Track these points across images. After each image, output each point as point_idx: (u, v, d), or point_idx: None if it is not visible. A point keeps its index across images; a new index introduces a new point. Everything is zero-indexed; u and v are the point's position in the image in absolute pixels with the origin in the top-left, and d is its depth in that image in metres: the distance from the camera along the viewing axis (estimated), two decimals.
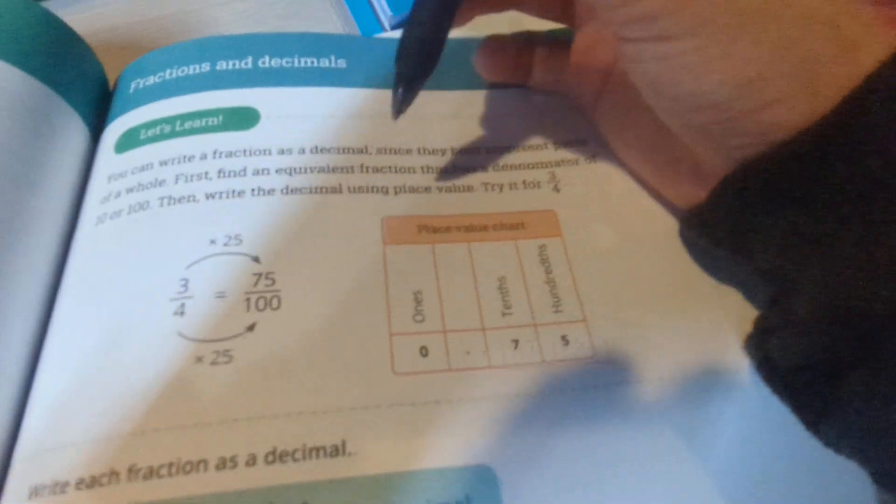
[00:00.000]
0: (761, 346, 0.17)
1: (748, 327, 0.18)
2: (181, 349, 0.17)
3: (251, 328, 0.17)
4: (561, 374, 0.18)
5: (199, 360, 0.17)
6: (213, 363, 0.17)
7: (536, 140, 0.23)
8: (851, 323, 0.14)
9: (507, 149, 0.23)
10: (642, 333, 0.18)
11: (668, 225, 0.21)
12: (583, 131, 0.23)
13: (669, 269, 0.20)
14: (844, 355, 0.14)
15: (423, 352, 0.18)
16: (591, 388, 0.17)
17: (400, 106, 0.19)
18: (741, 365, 0.18)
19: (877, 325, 0.14)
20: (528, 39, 0.24)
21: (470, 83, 0.24)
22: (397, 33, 0.27)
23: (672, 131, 0.18)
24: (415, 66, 0.19)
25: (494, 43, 0.23)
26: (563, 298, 0.19)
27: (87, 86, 0.24)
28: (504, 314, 0.19)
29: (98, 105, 0.24)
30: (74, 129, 0.22)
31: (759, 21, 0.14)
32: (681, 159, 0.19)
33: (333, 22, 0.30)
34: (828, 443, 0.15)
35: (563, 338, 0.18)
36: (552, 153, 0.23)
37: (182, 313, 0.17)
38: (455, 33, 0.26)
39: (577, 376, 0.18)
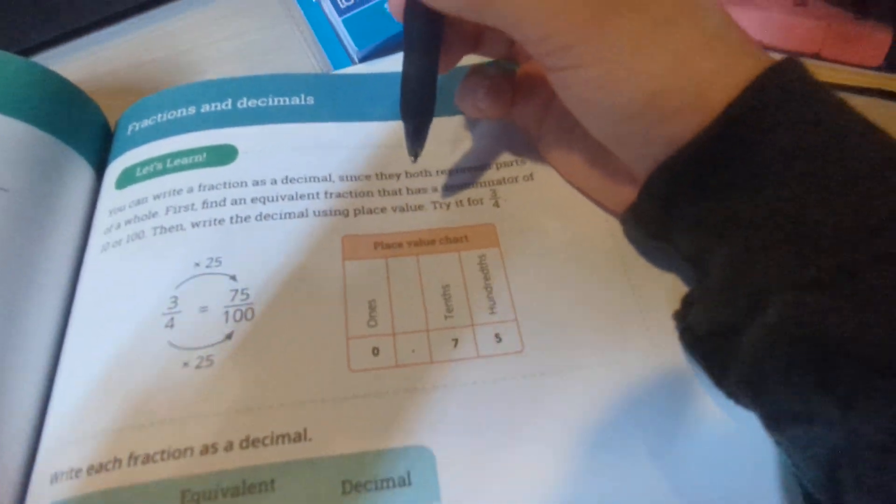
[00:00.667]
0: (683, 318, 0.20)
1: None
2: (171, 356, 0.20)
3: (229, 336, 0.21)
4: (493, 367, 0.21)
5: (186, 364, 0.20)
6: (198, 367, 0.20)
7: (480, 161, 0.26)
8: (747, 291, 0.17)
9: (454, 171, 0.26)
10: (568, 330, 0.21)
11: (594, 234, 0.24)
12: (522, 152, 0.26)
13: (593, 273, 0.23)
14: (740, 318, 0.17)
15: (375, 351, 0.21)
16: (519, 377, 0.20)
17: (415, 150, 0.23)
18: (659, 354, 0.21)
19: (764, 290, 0.17)
20: (478, 73, 0.27)
21: None
22: (363, 67, 0.31)
23: (606, 146, 0.21)
24: (416, 116, 0.22)
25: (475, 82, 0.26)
26: (498, 301, 0.22)
27: (89, 131, 0.27)
28: (446, 317, 0.22)
29: (101, 146, 0.27)
30: (80, 171, 0.26)
31: (654, 44, 0.18)
32: (617, 170, 0.22)
33: (309, 58, 0.33)
34: (729, 394, 0.18)
35: (497, 335, 0.21)
36: (494, 173, 0.26)
37: (172, 326, 0.21)
38: (387, 68, 0.29)
39: (508, 368, 0.21)
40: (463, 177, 0.26)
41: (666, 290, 0.22)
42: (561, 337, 0.21)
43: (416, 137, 0.23)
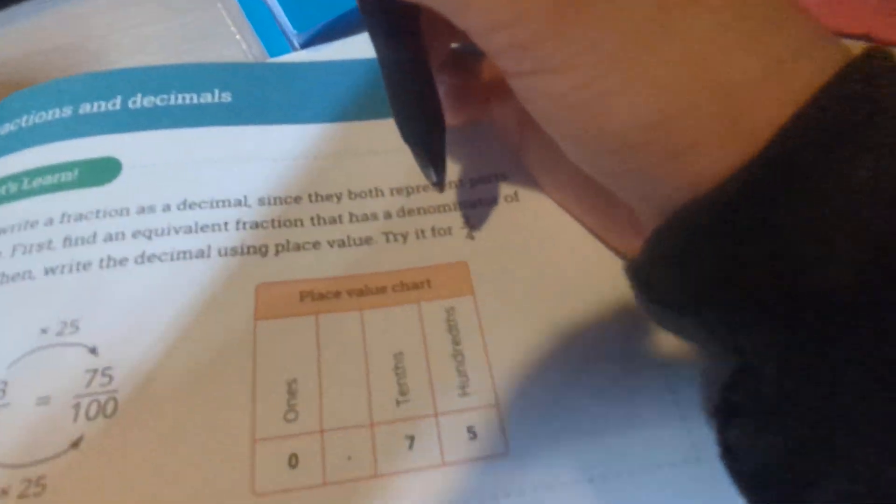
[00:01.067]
0: (724, 430, 0.13)
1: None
2: None
3: (76, 444, 0.14)
4: (466, 479, 0.14)
5: (5, 492, 0.13)
6: (21, 496, 0.13)
7: (448, 176, 0.20)
8: (823, 416, 0.11)
9: (417, 189, 0.19)
10: (571, 418, 0.15)
11: (602, 277, 0.18)
12: (502, 164, 0.20)
13: (605, 336, 0.17)
14: (814, 465, 0.11)
15: (293, 461, 0.14)
16: (503, 496, 0.14)
17: (439, 177, 0.17)
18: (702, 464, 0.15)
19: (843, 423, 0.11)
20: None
21: (374, 111, 0.21)
22: (304, 55, 0.24)
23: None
24: (425, 134, 0.16)
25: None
26: (472, 376, 0.16)
27: None
28: (399, 402, 0.15)
29: None
30: None
31: (661, 39, 0.11)
32: (618, 204, 0.16)
33: (241, 45, 0.27)
34: None
35: (470, 430, 0.15)
36: (466, 192, 0.19)
37: None
38: (332, 56, 0.23)
39: (487, 481, 0.14)
40: (425, 198, 0.19)
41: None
42: (563, 431, 0.15)
43: (435, 159, 0.17)
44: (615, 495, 0.15)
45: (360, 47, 0.23)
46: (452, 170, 0.20)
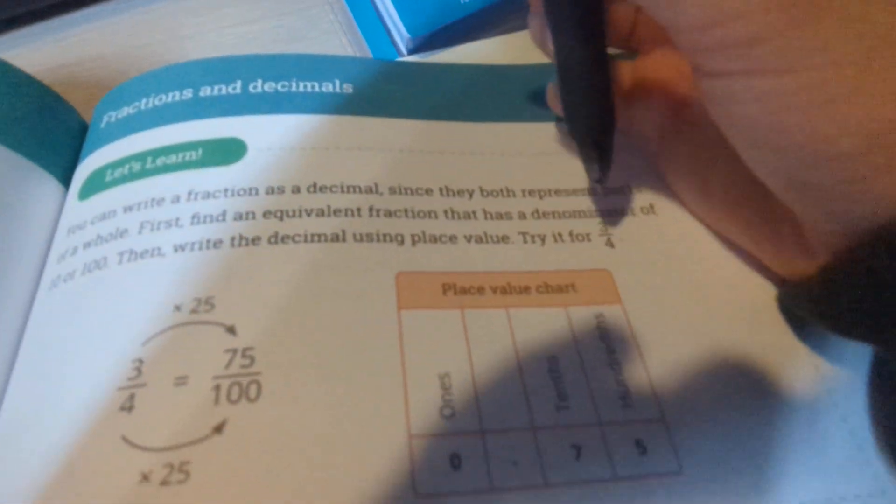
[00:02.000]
0: None
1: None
2: (124, 461, 0.12)
3: (219, 429, 0.13)
4: (640, 498, 0.13)
5: (146, 478, 0.12)
6: (164, 482, 0.12)
7: (581, 183, 0.19)
8: None
9: (549, 192, 0.19)
10: (743, 442, 0.14)
11: (756, 295, 0.17)
12: (638, 175, 0.19)
13: (768, 350, 0.15)
14: None
15: (455, 462, 0.13)
16: None
17: (603, 176, 0.17)
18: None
19: None
20: None
21: (499, 114, 0.21)
22: (413, 60, 0.24)
23: (774, 192, 0.14)
24: (597, 131, 0.17)
25: None
26: (633, 387, 0.14)
27: (58, 136, 0.20)
28: (559, 407, 0.14)
29: (76, 154, 0.20)
30: (43, 189, 0.18)
31: (888, 56, 0.11)
32: (780, 220, 0.15)
33: (343, 47, 0.27)
34: None
35: (638, 443, 0.14)
36: (601, 200, 0.18)
37: (130, 408, 0.13)
38: (483, 60, 0.23)
39: (661, 500, 0.13)
40: (560, 201, 0.18)
41: (862, 376, 0.15)
42: (734, 454, 0.14)
43: (605, 157, 0.17)
44: None
45: (465, 55, 0.23)
46: (585, 177, 0.19)
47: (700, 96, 0.14)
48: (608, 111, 0.16)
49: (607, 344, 0.15)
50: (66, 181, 0.19)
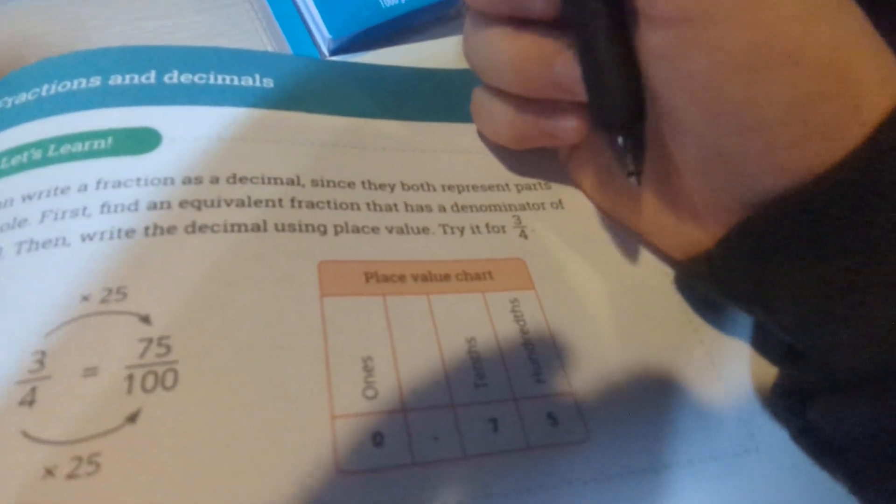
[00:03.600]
0: (800, 412, 0.14)
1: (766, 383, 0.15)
2: (24, 457, 0.12)
3: (132, 418, 0.12)
4: (551, 465, 0.14)
5: (50, 472, 0.11)
6: (71, 476, 0.11)
7: (497, 180, 0.20)
8: None
9: (468, 187, 0.19)
10: (642, 411, 0.15)
11: (650, 278, 0.18)
12: (547, 173, 0.20)
13: (656, 331, 0.17)
14: None
15: (377, 439, 0.13)
16: (584, 482, 0.14)
17: (637, 166, 0.16)
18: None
19: None
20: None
21: (421, 114, 0.21)
22: (340, 58, 0.24)
23: (675, 165, 0.15)
24: (628, 119, 0.15)
25: None
26: (544, 364, 0.15)
27: None
28: (477, 385, 0.15)
29: None
30: None
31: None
32: (674, 202, 0.17)
33: (263, 46, 0.26)
34: None
35: (550, 415, 0.15)
36: (514, 195, 0.20)
37: (31, 402, 0.12)
38: (404, 63, 0.23)
39: (570, 466, 0.14)
40: (476, 196, 0.19)
41: (751, 355, 0.17)
42: (634, 420, 0.15)
43: (637, 147, 0.16)
44: (682, 484, 0.15)
45: (386, 58, 0.23)
46: (500, 174, 0.20)
47: (646, 55, 0.14)
48: (639, 95, 0.15)
49: (521, 326, 0.16)
50: None
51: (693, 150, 0.15)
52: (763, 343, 0.16)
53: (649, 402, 0.15)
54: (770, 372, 0.16)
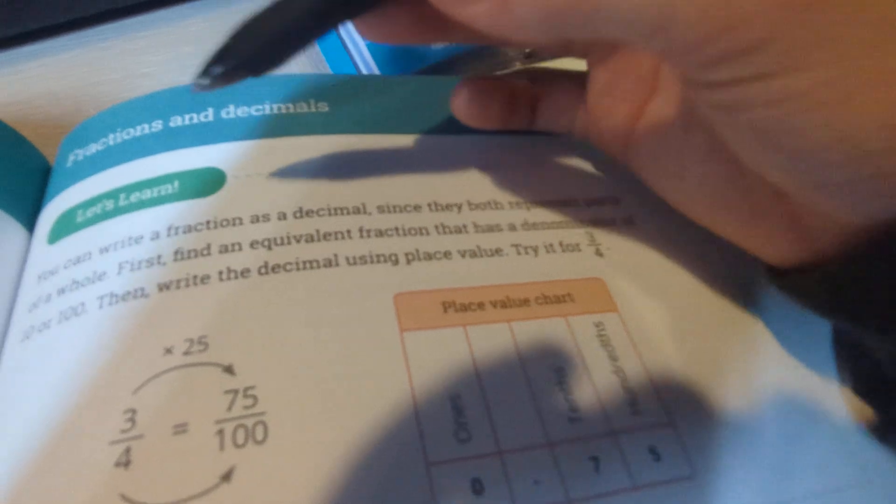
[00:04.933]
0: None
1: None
2: None
3: (227, 477, 0.12)
4: None
5: None
6: None
7: (564, 194, 0.19)
8: None
9: (536, 203, 0.19)
10: (751, 439, 0.14)
11: (736, 294, 0.17)
12: (613, 188, 0.19)
13: (751, 347, 0.16)
14: None
15: (477, 486, 0.13)
16: None
17: (209, 78, 0.13)
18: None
19: None
20: (526, 76, 0.19)
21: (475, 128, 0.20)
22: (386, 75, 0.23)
23: (756, 177, 0.14)
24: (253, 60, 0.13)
25: (478, 84, 0.18)
26: (639, 393, 0.14)
27: (20, 178, 0.19)
28: (572, 420, 0.14)
29: (39, 196, 0.19)
30: (9, 234, 0.17)
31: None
32: (769, 209, 0.15)
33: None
34: None
35: (652, 449, 0.14)
36: (585, 211, 0.19)
37: (127, 463, 0.12)
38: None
39: None
40: (546, 213, 0.18)
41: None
42: (739, 454, 0.14)
43: (224, 65, 0.13)
44: None
45: None
46: (565, 188, 0.19)
47: (701, 110, 0.13)
48: (279, 51, 0.13)
49: (609, 352, 0.15)
50: (29, 225, 0.18)
51: (782, 181, 0.13)
52: (854, 373, 0.15)
53: (754, 434, 0.14)
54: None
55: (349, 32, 0.24)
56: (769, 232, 0.15)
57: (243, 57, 0.13)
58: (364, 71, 0.24)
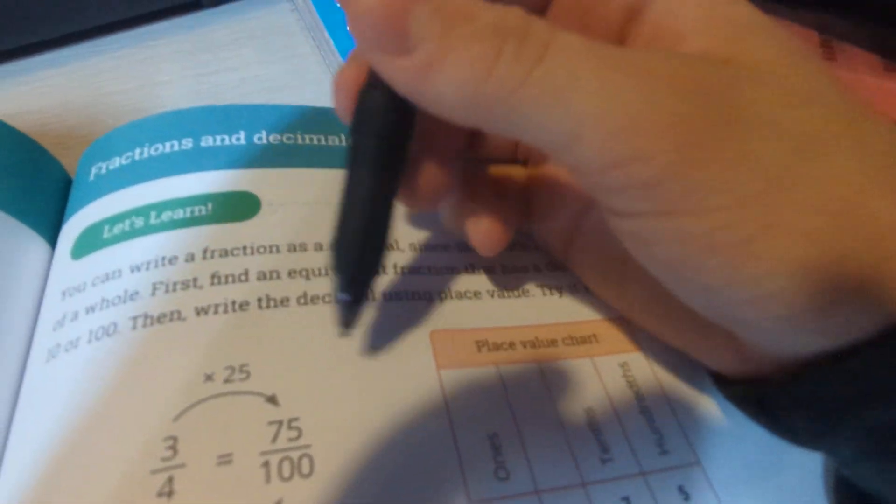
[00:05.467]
0: None
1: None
2: None
3: None
4: None
5: None
6: None
7: None
8: None
9: None
10: (777, 478, 0.15)
11: None
12: None
13: None
14: None
15: None
16: None
17: (346, 320, 0.14)
18: None
19: None
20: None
21: None
22: None
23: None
24: (355, 264, 0.14)
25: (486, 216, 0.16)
26: (666, 434, 0.15)
27: (41, 190, 0.19)
28: (604, 461, 0.14)
29: (59, 208, 0.19)
30: (32, 248, 0.17)
31: (799, 184, 0.11)
32: (710, 328, 0.14)
33: (330, 97, 0.26)
34: None
35: (681, 489, 0.14)
36: None
37: (170, 493, 0.12)
38: None
39: None
40: None
41: None
42: (769, 495, 0.15)
43: (353, 298, 0.14)
44: None
45: None
46: None
47: (619, 235, 0.13)
48: (378, 253, 0.14)
49: (635, 392, 0.16)
50: (51, 239, 0.18)
51: (701, 311, 0.13)
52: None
53: (781, 473, 0.15)
54: None
55: None
56: (713, 346, 0.15)
57: (359, 278, 0.14)
58: None
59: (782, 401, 0.13)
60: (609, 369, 0.16)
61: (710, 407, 0.16)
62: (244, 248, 0.16)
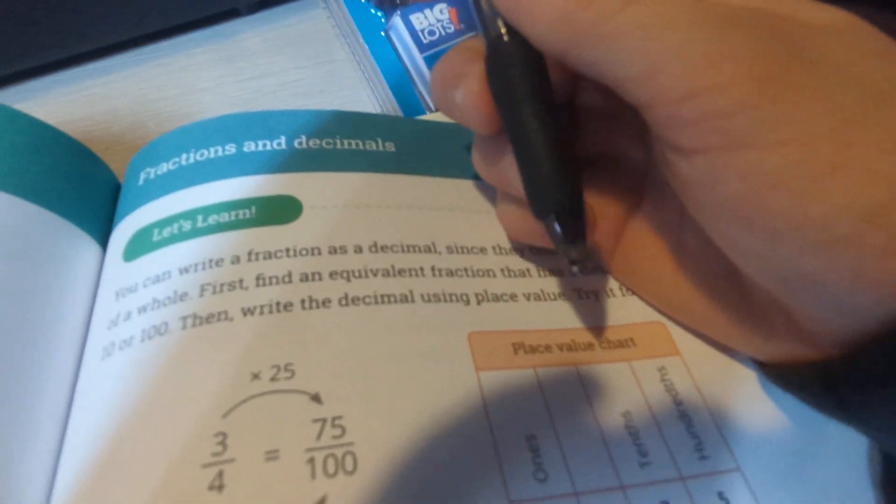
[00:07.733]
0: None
1: None
2: None
3: None
4: None
5: None
6: None
7: None
8: None
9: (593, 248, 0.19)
10: (818, 485, 0.15)
11: None
12: None
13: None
14: None
15: None
16: None
17: (571, 253, 0.14)
18: None
19: None
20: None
21: None
22: (441, 117, 0.24)
23: (754, 282, 0.13)
24: (558, 203, 0.14)
25: None
26: (705, 439, 0.15)
27: (93, 194, 0.20)
28: (642, 464, 0.14)
29: (109, 212, 0.20)
30: (82, 250, 0.18)
31: (874, 125, 0.11)
32: (763, 310, 0.14)
33: (367, 101, 0.27)
34: None
35: (721, 496, 0.14)
36: None
37: (220, 487, 0.13)
38: None
39: None
40: None
41: None
42: (809, 490, 0.14)
43: (576, 235, 0.14)
44: None
45: None
46: None
47: (679, 184, 0.13)
48: (570, 181, 0.14)
49: (673, 396, 0.16)
50: (102, 241, 0.19)
51: (760, 275, 0.13)
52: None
53: (822, 475, 0.15)
54: None
55: (419, 71, 0.25)
56: (767, 331, 0.14)
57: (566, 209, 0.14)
58: (418, 82, 0.25)
59: (852, 377, 0.12)
60: (646, 373, 0.16)
61: (749, 411, 0.16)
62: (287, 250, 0.17)
